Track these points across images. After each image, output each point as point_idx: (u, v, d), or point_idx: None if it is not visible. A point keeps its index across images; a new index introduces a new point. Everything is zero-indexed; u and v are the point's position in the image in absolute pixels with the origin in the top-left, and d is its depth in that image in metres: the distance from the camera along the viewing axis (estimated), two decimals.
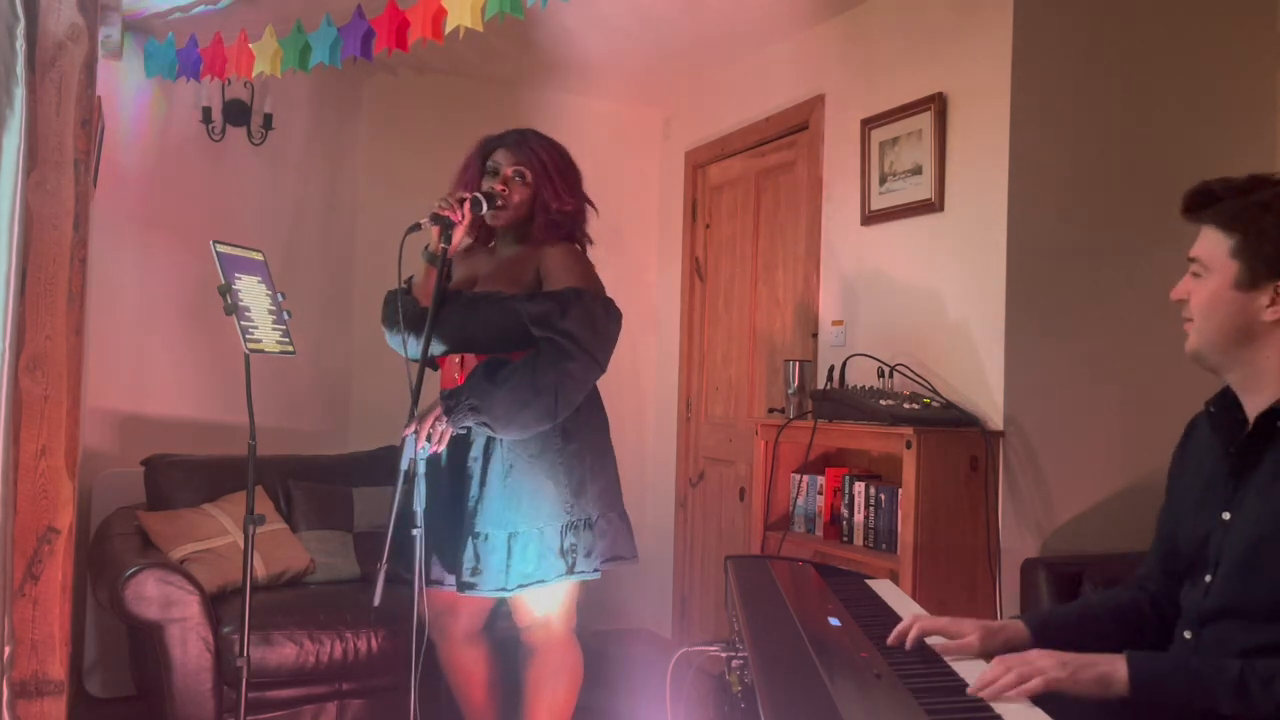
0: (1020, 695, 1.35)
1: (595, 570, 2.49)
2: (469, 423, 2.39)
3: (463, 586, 2.45)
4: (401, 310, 2.58)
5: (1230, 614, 1.47)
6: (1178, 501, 1.67)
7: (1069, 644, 1.62)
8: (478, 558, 2.44)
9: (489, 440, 2.48)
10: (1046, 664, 1.39)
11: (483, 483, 2.47)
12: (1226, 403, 1.59)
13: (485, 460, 2.48)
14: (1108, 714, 1.46)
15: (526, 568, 2.42)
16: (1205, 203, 1.55)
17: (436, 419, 2.37)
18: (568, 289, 2.42)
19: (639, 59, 4.06)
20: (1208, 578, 1.52)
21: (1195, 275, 1.55)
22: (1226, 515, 1.51)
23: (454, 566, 2.46)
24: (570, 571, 2.45)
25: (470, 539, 2.45)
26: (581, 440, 2.51)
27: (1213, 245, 1.53)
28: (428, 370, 2.50)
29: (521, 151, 2.55)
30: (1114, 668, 1.39)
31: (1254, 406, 1.52)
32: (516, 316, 2.42)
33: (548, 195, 2.53)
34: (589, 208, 2.64)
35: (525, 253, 2.55)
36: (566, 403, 2.40)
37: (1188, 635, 1.55)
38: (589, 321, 2.39)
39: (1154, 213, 2.99)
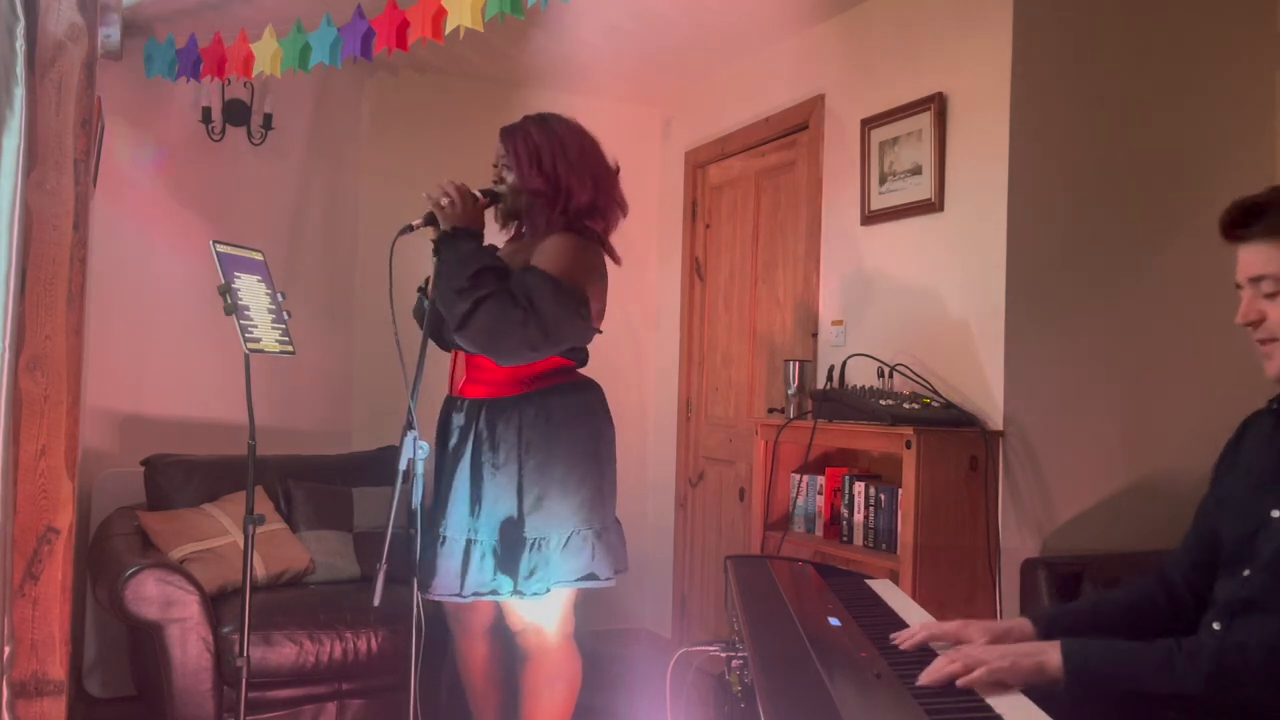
0: (965, 685, 1.38)
1: (536, 593, 2.42)
2: (442, 243, 2.40)
3: (420, 586, 2.45)
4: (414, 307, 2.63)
5: (1261, 608, 1.46)
6: (1224, 495, 1.65)
7: None
8: (433, 560, 2.45)
9: (461, 439, 2.49)
10: (988, 655, 1.41)
11: (450, 484, 2.48)
12: None
13: (455, 460, 2.48)
14: (1104, 712, 1.46)
15: (484, 577, 2.42)
16: (1251, 219, 1.50)
17: (451, 203, 2.39)
18: (525, 267, 2.40)
19: (639, 59, 4.06)
20: (1246, 571, 1.51)
21: (1269, 294, 1.48)
22: (1276, 513, 1.49)
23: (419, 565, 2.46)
24: (516, 591, 2.42)
25: (432, 540, 2.46)
26: (546, 454, 2.44)
27: None
28: (430, 370, 2.51)
29: (506, 139, 2.58)
30: (1049, 656, 1.41)
31: None
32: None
33: (519, 177, 2.53)
34: (581, 193, 2.52)
35: (531, 242, 2.56)
36: (481, 331, 2.32)
37: (1216, 626, 1.54)
38: (525, 291, 2.33)
39: (1154, 212, 2.99)
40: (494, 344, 2.36)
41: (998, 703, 1.33)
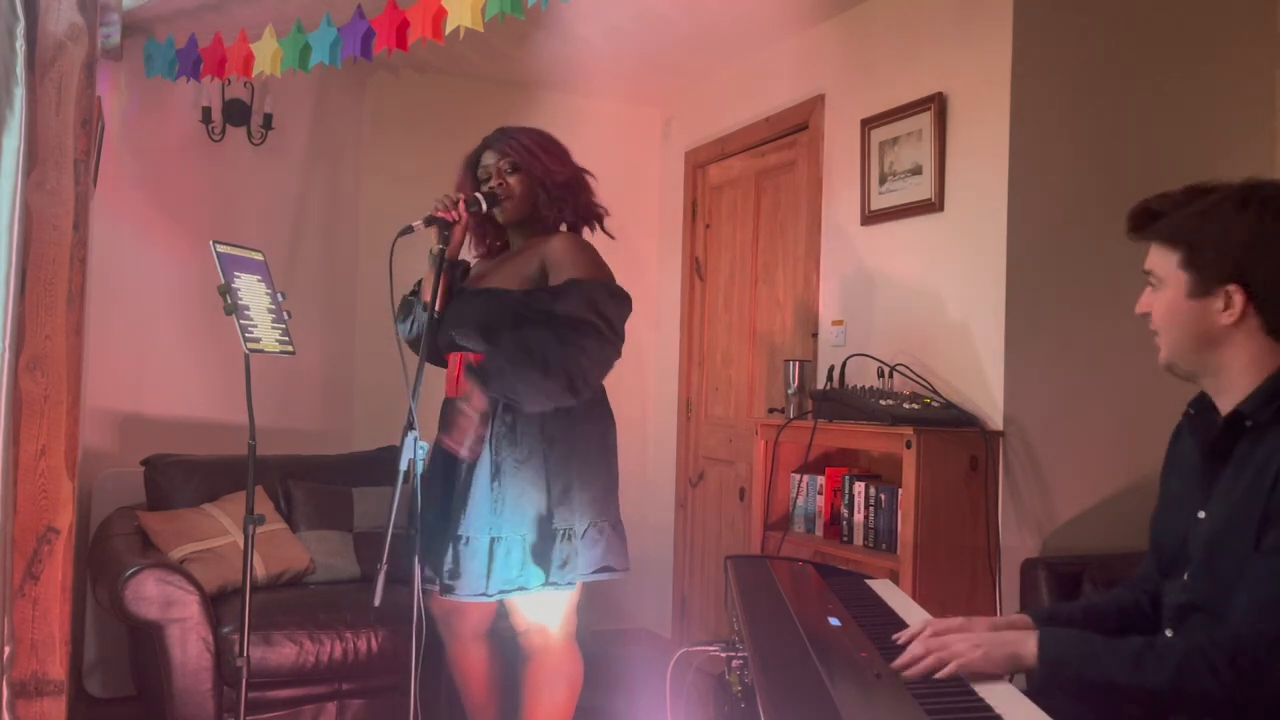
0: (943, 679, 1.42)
1: (570, 582, 2.45)
2: (498, 387, 2.39)
3: (443, 589, 2.45)
4: (410, 310, 2.62)
5: (1200, 610, 1.50)
6: (1163, 505, 1.71)
7: None
8: (456, 561, 2.44)
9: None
10: (961, 648, 1.45)
11: (469, 484, 2.47)
12: (1204, 405, 1.62)
13: (473, 461, 2.48)
14: (1102, 711, 1.47)
15: (509, 574, 2.42)
16: (1147, 220, 1.61)
17: (474, 398, 2.38)
18: (568, 280, 2.43)
19: (639, 59, 4.06)
20: (1186, 575, 1.55)
21: (1153, 288, 1.60)
22: (1201, 514, 1.54)
23: (437, 568, 2.46)
24: (548, 581, 2.43)
25: (451, 542, 2.46)
26: (569, 446, 2.47)
27: (1162, 259, 1.58)
28: (431, 370, 2.51)
29: (504, 144, 2.58)
30: (1024, 647, 1.45)
31: (1225, 407, 1.56)
32: (510, 311, 2.43)
33: (540, 172, 2.55)
34: (588, 178, 2.64)
35: (532, 245, 2.56)
36: (586, 381, 2.40)
37: (1169, 633, 1.58)
38: (590, 306, 2.40)
39: None
40: (603, 375, 2.46)
41: (997, 702, 1.34)
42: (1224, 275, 1.49)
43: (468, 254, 2.75)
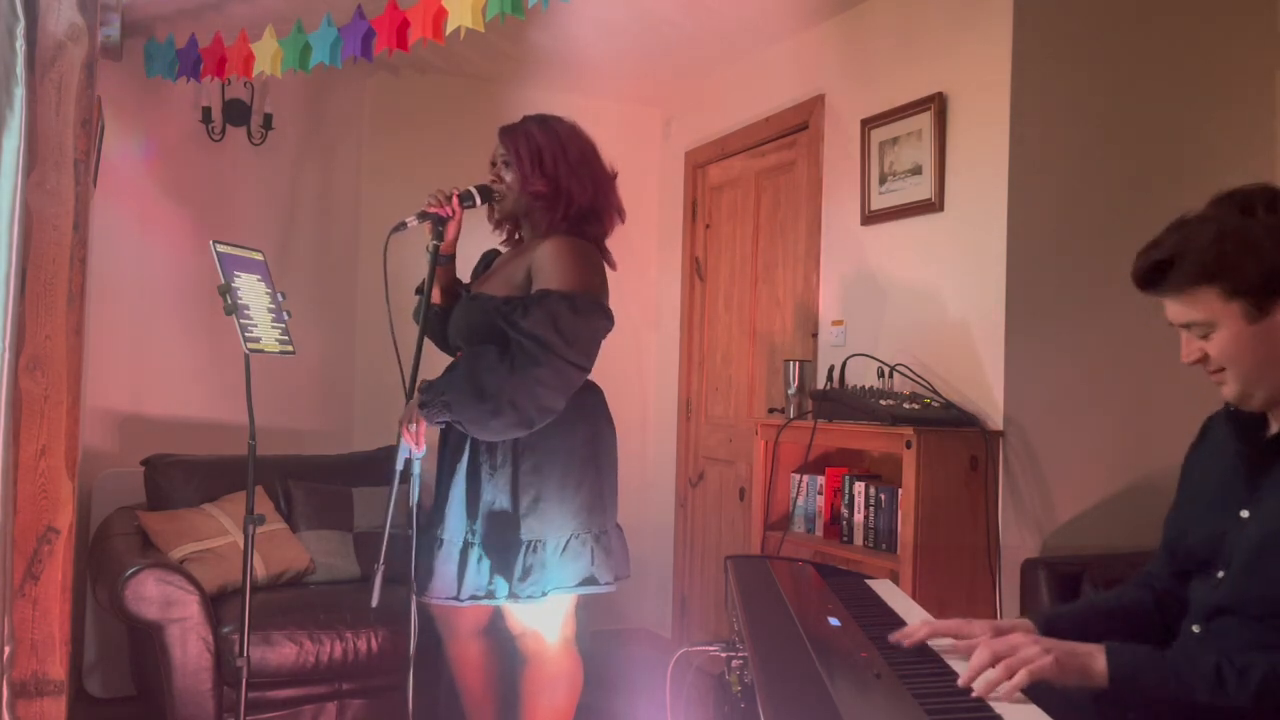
0: (1010, 692, 1.35)
1: (531, 596, 2.41)
2: (443, 419, 2.38)
3: (418, 589, 2.44)
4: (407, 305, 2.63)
5: (1237, 611, 1.48)
6: (1190, 500, 1.68)
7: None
8: (431, 562, 2.44)
9: (460, 441, 2.48)
10: (1032, 653, 1.39)
11: (448, 487, 2.47)
12: None
13: (453, 462, 2.48)
14: (1105, 711, 1.47)
15: (480, 581, 2.41)
16: (1160, 274, 1.57)
17: (414, 418, 2.35)
18: (538, 291, 2.38)
19: (639, 59, 4.06)
20: (1220, 574, 1.53)
21: (1202, 336, 1.55)
22: (1244, 514, 1.52)
23: (418, 566, 2.46)
24: (511, 595, 2.41)
25: (430, 543, 2.46)
26: (541, 457, 2.42)
27: (1200, 302, 1.53)
28: (431, 368, 2.51)
29: (507, 138, 2.55)
30: (1094, 662, 1.41)
31: None
32: (490, 321, 2.40)
33: (519, 180, 2.51)
34: (579, 190, 2.50)
35: (531, 245, 2.54)
36: (542, 410, 2.34)
37: (1196, 629, 1.56)
38: (551, 323, 2.31)
39: (1153, 212, 2.98)
40: (563, 397, 2.37)
41: (997, 703, 1.33)
42: (1272, 286, 1.48)
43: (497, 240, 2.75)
